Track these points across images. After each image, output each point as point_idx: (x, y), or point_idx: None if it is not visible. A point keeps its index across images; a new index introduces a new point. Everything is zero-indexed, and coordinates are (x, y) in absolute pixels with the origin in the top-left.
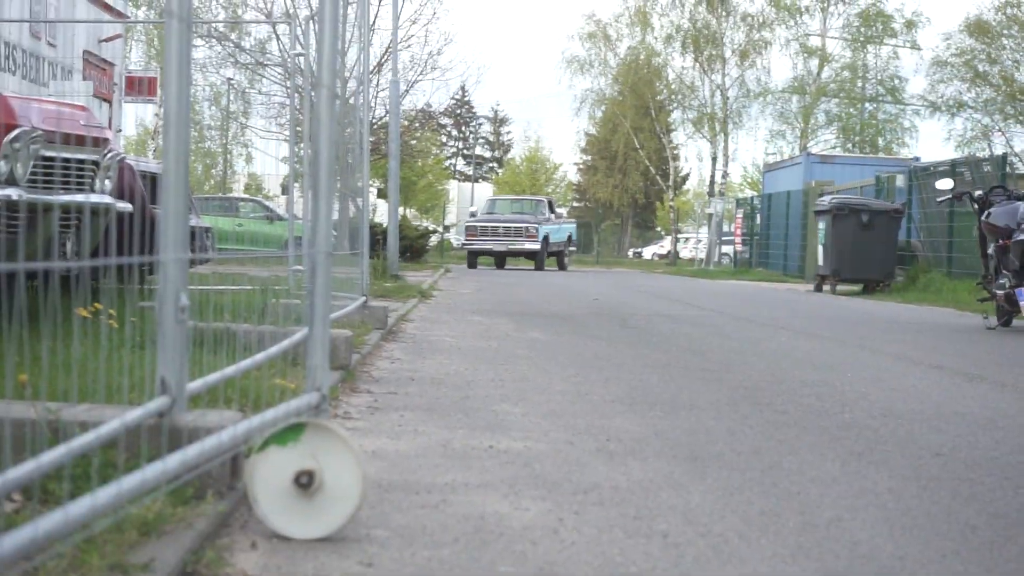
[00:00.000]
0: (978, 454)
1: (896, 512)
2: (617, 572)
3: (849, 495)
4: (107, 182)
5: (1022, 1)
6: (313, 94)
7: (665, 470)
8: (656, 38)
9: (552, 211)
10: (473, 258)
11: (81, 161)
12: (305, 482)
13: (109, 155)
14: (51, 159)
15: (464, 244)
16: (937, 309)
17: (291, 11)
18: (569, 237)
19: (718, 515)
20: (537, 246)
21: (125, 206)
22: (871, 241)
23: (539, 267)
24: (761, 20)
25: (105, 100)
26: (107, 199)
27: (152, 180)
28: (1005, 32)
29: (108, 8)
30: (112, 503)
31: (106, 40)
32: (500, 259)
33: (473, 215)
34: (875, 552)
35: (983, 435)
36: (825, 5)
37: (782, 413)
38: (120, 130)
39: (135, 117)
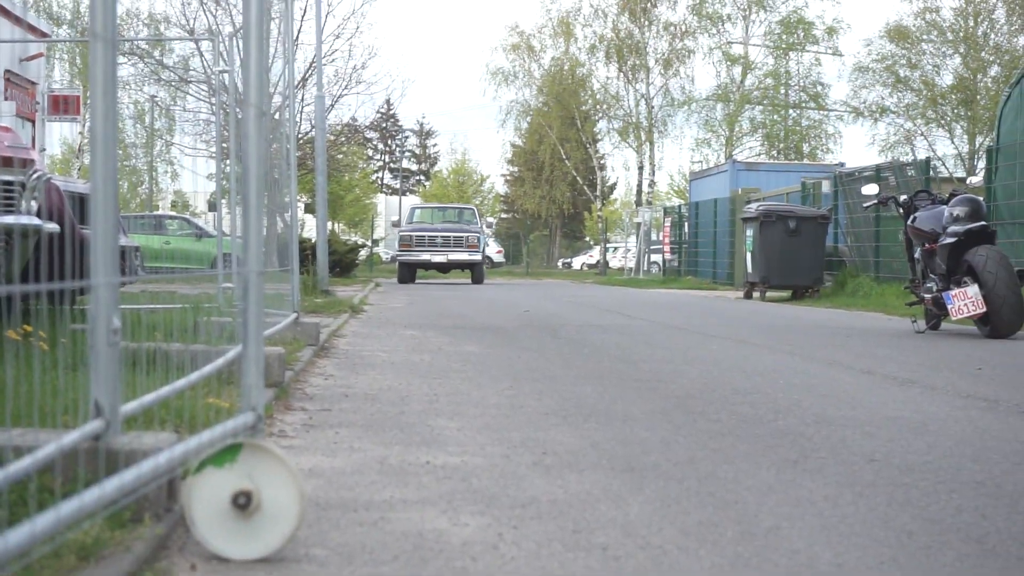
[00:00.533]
0: (911, 459)
1: (833, 519)
2: None
3: (786, 503)
4: (33, 203)
5: (940, 7)
6: (239, 111)
7: (602, 482)
8: (580, 48)
9: (479, 220)
10: (408, 271)
11: (6, 183)
12: (243, 503)
13: (35, 176)
14: None
15: (397, 256)
16: (866, 314)
17: (214, 28)
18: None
19: (656, 527)
20: (478, 256)
21: (53, 227)
22: (799, 247)
23: (478, 280)
24: (684, 29)
25: (28, 120)
26: (34, 220)
27: (80, 200)
28: (924, 37)
29: (30, 27)
30: (50, 530)
31: (28, 59)
32: (442, 270)
33: (396, 225)
34: (813, 560)
35: (916, 439)
36: (747, 13)
37: (716, 422)
38: (44, 149)
39: (59, 136)
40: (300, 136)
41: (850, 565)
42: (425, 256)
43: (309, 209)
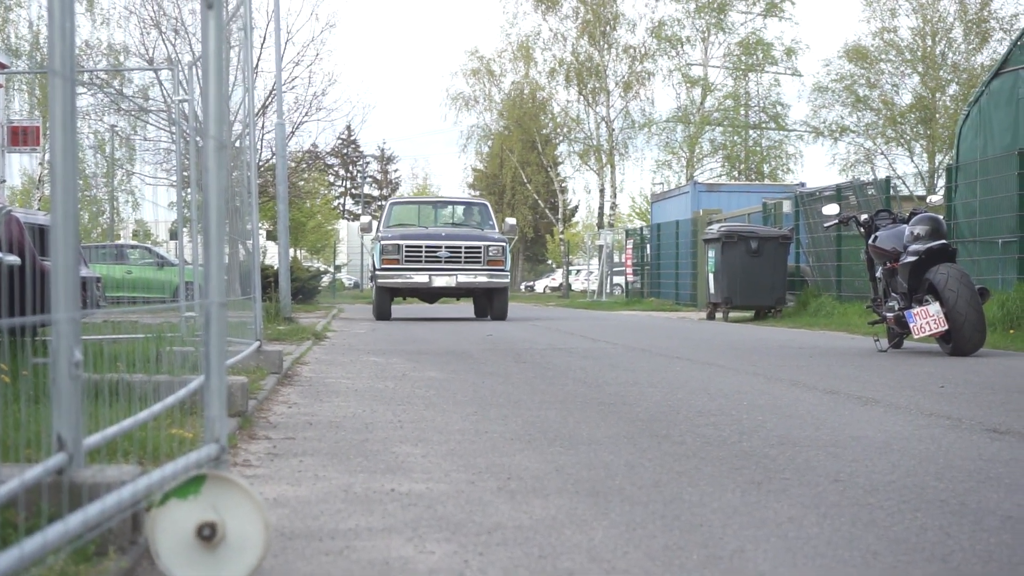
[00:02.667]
0: (876, 479)
1: (798, 541)
2: None
3: (751, 525)
4: None
5: (898, 26)
6: (199, 139)
7: (567, 507)
8: (540, 72)
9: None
10: (386, 300)
11: None
12: (207, 534)
13: None
14: None
15: (376, 276)
16: (828, 333)
17: (173, 57)
18: None
19: (622, 551)
20: (504, 279)
21: (14, 259)
22: (761, 268)
23: (499, 314)
24: (643, 52)
25: None
26: None
27: (40, 232)
28: (883, 57)
29: None
30: (14, 566)
31: None
32: (430, 297)
33: (366, 230)
34: None
35: (880, 459)
36: (706, 35)
37: (680, 444)
38: (4, 180)
39: (19, 167)
40: (261, 163)
41: None
42: (421, 277)
43: (271, 236)
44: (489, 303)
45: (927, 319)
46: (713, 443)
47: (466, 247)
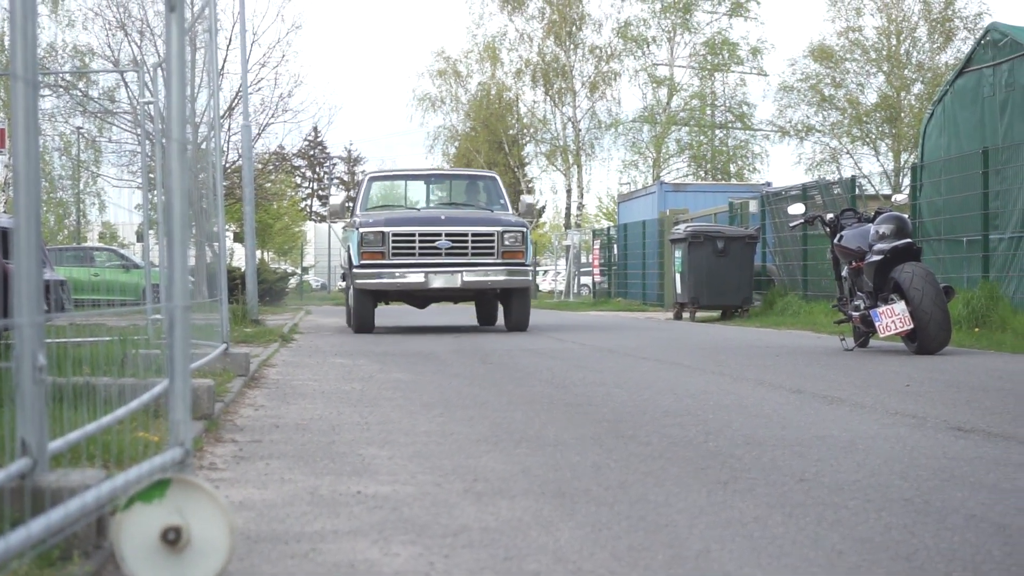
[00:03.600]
0: (841, 478)
1: (763, 541)
2: None
3: (716, 526)
4: None
5: (863, 26)
6: (164, 142)
7: (533, 508)
8: (506, 73)
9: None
10: (367, 307)
11: None
12: (172, 538)
13: None
14: None
15: (354, 276)
16: (795, 332)
17: (139, 58)
18: None
19: (587, 552)
20: (526, 276)
21: None
22: (727, 267)
23: (518, 323)
24: (609, 52)
25: None
26: None
27: (2, 235)
28: (848, 56)
29: None
30: None
31: None
32: (424, 301)
33: (337, 215)
34: None
35: (845, 458)
36: (672, 35)
37: (646, 445)
38: None
39: None
40: (227, 165)
41: None
42: (414, 276)
43: (238, 238)
44: (506, 308)
45: (893, 318)
46: (679, 443)
47: (474, 235)
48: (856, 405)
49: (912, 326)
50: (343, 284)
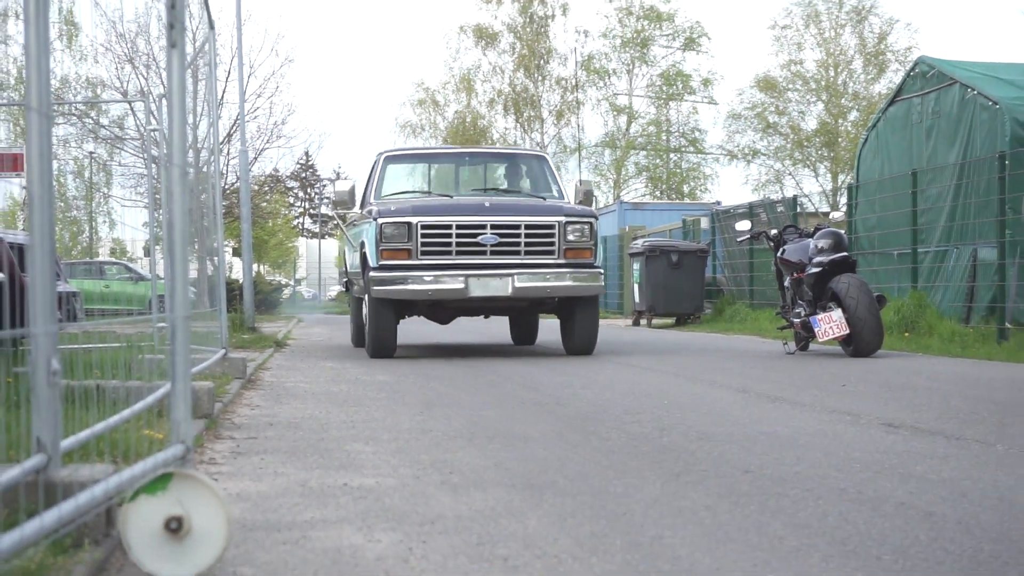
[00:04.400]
0: (783, 470)
1: (712, 527)
2: None
3: (669, 514)
4: None
5: (804, 59)
6: (167, 167)
7: (504, 499)
8: (480, 102)
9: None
10: (388, 322)
11: None
12: (174, 527)
13: None
14: None
15: (371, 282)
16: (742, 337)
17: (145, 89)
18: None
19: (552, 538)
20: (599, 281)
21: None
22: (681, 278)
23: (583, 345)
24: (574, 83)
25: None
26: None
27: (20, 250)
28: (790, 87)
29: None
30: None
31: None
32: (448, 315)
33: (343, 203)
34: (695, 565)
35: (787, 452)
36: (630, 68)
37: (607, 440)
38: None
39: (5, 191)
40: (226, 187)
41: (727, 568)
42: (451, 281)
43: (236, 253)
44: (566, 324)
45: (830, 324)
46: (637, 439)
47: (529, 227)
48: (797, 403)
49: (848, 331)
50: (343, 293)
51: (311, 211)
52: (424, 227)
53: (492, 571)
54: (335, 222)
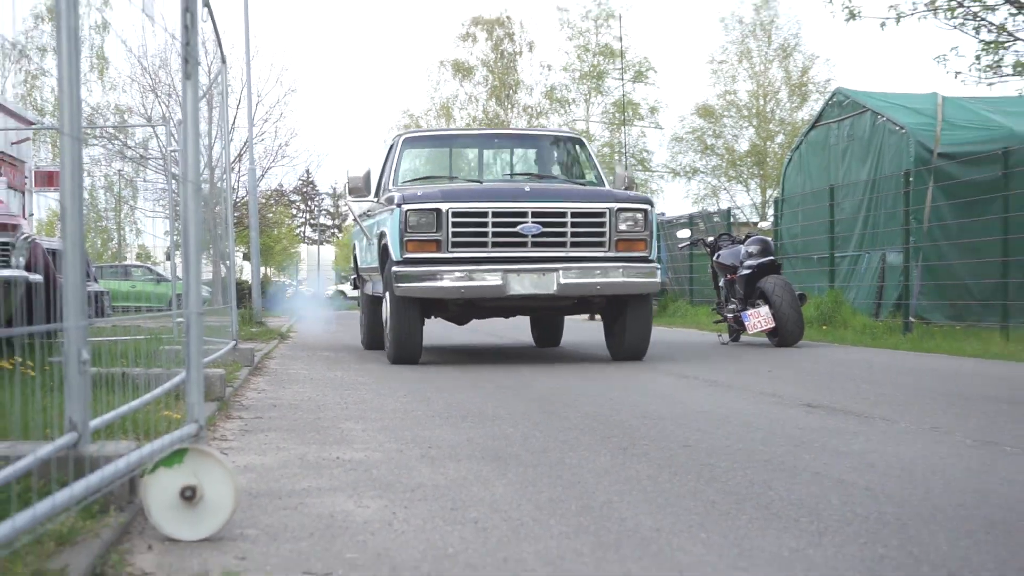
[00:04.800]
0: (716, 444)
1: (654, 494)
2: (438, 553)
3: (618, 483)
4: (20, 259)
5: (737, 90)
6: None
7: (475, 470)
8: (458, 127)
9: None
10: (413, 322)
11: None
12: (189, 495)
13: (22, 238)
14: None
15: (394, 278)
16: (683, 330)
17: (167, 115)
18: None
19: (516, 503)
20: (654, 277)
21: (36, 278)
22: None
23: (636, 349)
24: (538, 110)
25: (19, 191)
26: (20, 273)
27: (55, 255)
28: (725, 113)
29: (17, 116)
30: (28, 524)
31: (17, 143)
32: (471, 314)
33: (359, 190)
34: (638, 526)
35: (719, 429)
36: (588, 97)
37: (565, 419)
38: (32, 214)
39: (45, 204)
40: (237, 200)
41: (666, 529)
42: (488, 277)
43: (246, 257)
44: (614, 325)
45: (759, 318)
46: (591, 417)
47: (576, 214)
48: (729, 387)
49: (774, 325)
50: (355, 292)
51: (311, 221)
52: (456, 214)
53: (464, 532)
54: (334, 226)
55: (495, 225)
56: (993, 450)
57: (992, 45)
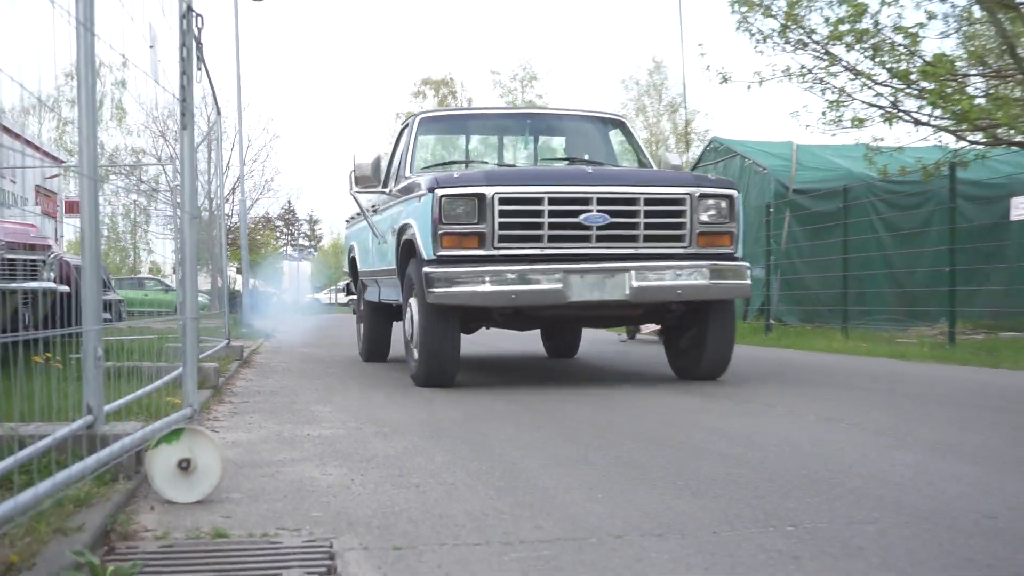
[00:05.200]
0: (612, 419)
1: (555, 459)
2: (387, 511)
3: (539, 457)
4: (50, 273)
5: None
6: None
7: (419, 444)
8: None
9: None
10: (449, 334)
11: (32, 261)
12: (185, 466)
13: (52, 256)
14: (13, 260)
15: (428, 279)
16: (591, 331)
17: (174, 156)
18: None
19: (451, 471)
20: (744, 279)
21: (65, 289)
22: None
23: (717, 364)
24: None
25: (51, 217)
26: (50, 285)
27: (78, 269)
28: None
29: (51, 157)
30: (49, 491)
31: (50, 177)
32: (528, 324)
33: (366, 179)
34: (549, 489)
35: (615, 407)
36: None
37: (492, 405)
38: (62, 236)
39: (74, 229)
40: (230, 226)
41: (573, 489)
42: (544, 279)
43: (238, 271)
44: (691, 334)
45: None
46: (510, 400)
47: (651, 201)
48: (625, 374)
49: (661, 327)
50: (350, 299)
51: (292, 243)
52: (504, 201)
53: (408, 494)
54: (308, 250)
55: (552, 215)
56: (834, 425)
57: (835, 103)
